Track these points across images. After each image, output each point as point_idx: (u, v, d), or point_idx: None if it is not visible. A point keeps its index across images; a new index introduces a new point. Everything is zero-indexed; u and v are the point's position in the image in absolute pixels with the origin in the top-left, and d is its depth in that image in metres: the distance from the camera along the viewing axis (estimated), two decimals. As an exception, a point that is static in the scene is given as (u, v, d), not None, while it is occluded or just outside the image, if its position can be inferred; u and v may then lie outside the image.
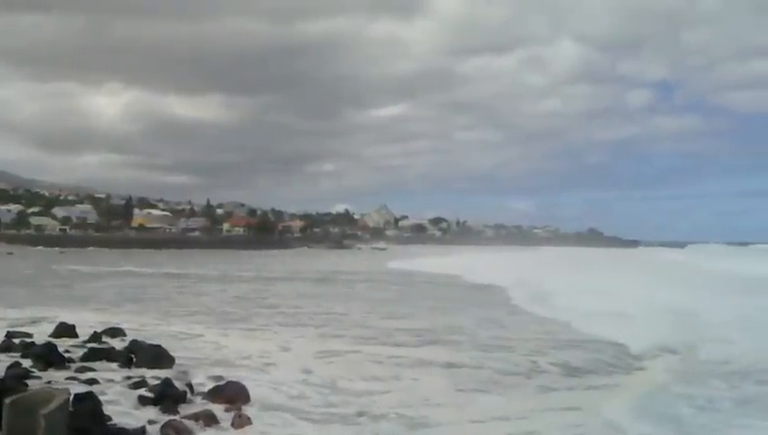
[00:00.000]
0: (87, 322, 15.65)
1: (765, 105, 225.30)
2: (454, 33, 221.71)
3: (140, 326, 16.32)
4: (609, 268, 45.82)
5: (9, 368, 9.86)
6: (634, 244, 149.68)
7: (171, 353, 11.53)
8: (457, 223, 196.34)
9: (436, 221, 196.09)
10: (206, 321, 18.39)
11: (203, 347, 13.68)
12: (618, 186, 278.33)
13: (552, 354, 13.63)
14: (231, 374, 10.38)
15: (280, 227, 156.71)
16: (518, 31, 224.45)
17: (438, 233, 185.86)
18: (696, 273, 39.51)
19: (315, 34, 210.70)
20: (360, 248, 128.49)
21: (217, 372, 10.77)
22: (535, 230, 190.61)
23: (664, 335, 14.30)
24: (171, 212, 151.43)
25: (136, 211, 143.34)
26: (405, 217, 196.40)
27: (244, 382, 9.56)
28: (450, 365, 12.46)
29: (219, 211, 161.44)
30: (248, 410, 8.48)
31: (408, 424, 8.49)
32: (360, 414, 8.84)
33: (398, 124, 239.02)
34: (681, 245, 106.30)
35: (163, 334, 14.93)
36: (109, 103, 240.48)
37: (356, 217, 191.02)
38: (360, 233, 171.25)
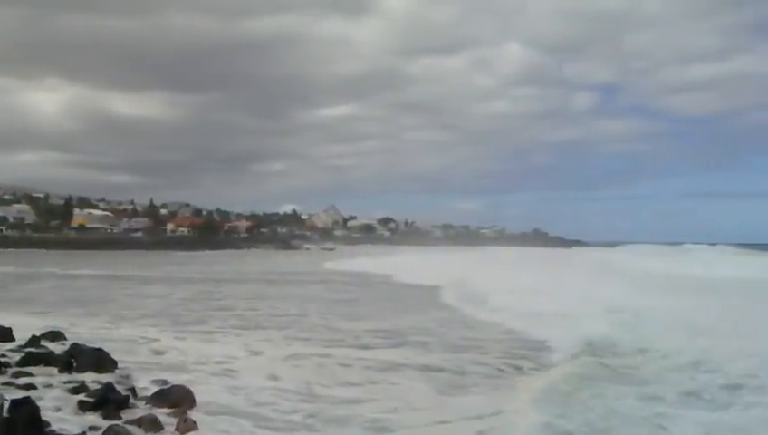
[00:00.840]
0: (25, 325, 14.94)
1: (704, 108, 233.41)
2: (402, 34, 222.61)
3: (91, 330, 15.79)
4: (542, 267, 46.61)
5: (-61, 375, 9.28)
6: (578, 244, 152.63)
7: (128, 359, 11.15)
8: (406, 223, 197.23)
9: (385, 221, 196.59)
10: (160, 324, 17.85)
11: (162, 352, 13.29)
12: (563, 186, 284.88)
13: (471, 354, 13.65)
14: (189, 379, 10.10)
15: (226, 228, 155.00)
16: (466, 32, 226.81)
17: (387, 233, 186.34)
18: (619, 272, 40.32)
19: (262, 32, 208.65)
20: (308, 249, 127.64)
21: (182, 378, 10.32)
22: (482, 230, 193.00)
23: (588, 334, 14.31)
24: (113, 212, 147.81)
25: (76, 211, 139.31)
26: (353, 218, 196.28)
27: (201, 387, 9.31)
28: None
29: (163, 211, 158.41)
30: (194, 415, 8.24)
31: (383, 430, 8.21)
32: (340, 422, 8.49)
33: (346, 124, 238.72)
34: (624, 244, 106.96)
35: (117, 339, 14.48)
36: (49, 100, 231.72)
37: (304, 217, 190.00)
38: (308, 233, 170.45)
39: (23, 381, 9.60)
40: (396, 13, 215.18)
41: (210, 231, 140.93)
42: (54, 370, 10.44)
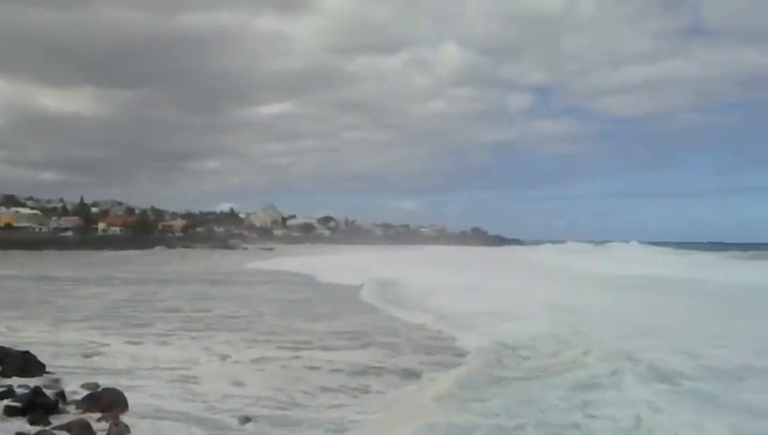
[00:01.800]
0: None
1: (636, 110, 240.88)
2: (340, 32, 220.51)
3: (31, 335, 14.78)
4: (472, 266, 47.59)
5: None
6: (515, 242, 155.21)
7: (64, 363, 10.54)
8: (346, 222, 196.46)
9: (325, 220, 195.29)
10: (105, 327, 16.76)
11: (117, 357, 12.46)
12: (500, 186, 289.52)
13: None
14: (130, 384, 9.65)
15: (160, 227, 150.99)
16: (404, 32, 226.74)
17: (327, 232, 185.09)
18: (545, 271, 42.34)
19: (197, 27, 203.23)
20: (246, 248, 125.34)
21: (121, 382, 9.72)
22: (422, 229, 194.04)
23: (501, 333, 14.47)
24: (41, 211, 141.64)
25: (2, 210, 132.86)
26: (293, 217, 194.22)
27: (141, 392, 9.01)
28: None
29: (94, 210, 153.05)
30: (127, 419, 7.99)
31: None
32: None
33: (284, 122, 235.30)
34: (560, 242, 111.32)
35: (65, 343, 13.59)
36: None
37: (241, 216, 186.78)
38: (246, 233, 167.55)
39: (-57, 387, 8.75)
40: (333, 11, 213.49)
41: (144, 230, 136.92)
42: (-23, 374, 9.70)
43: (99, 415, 8.05)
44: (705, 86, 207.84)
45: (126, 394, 8.67)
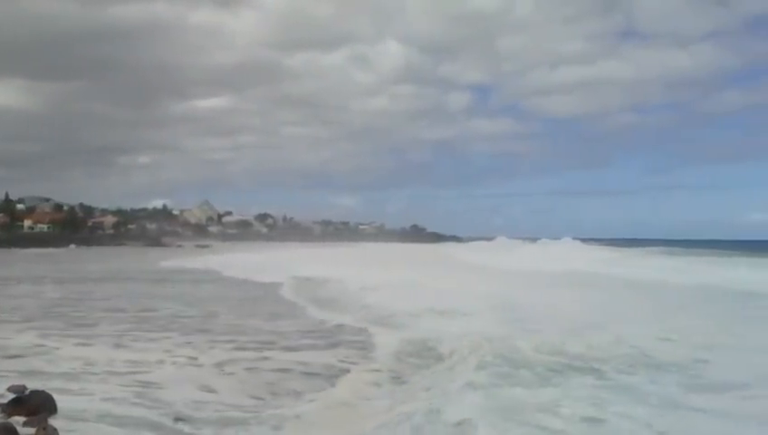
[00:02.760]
0: None
1: (572, 110, 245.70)
2: (280, 27, 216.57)
3: None
4: (404, 263, 47.31)
5: None
6: (454, 239, 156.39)
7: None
8: (284, 219, 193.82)
9: (263, 217, 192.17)
10: (48, 328, 15.47)
11: (66, 360, 11.51)
12: (439, 184, 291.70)
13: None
14: (62, 387, 9.28)
15: (90, 224, 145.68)
16: (345, 28, 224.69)
17: (265, 229, 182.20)
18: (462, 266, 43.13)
19: (131, 19, 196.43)
20: (180, 246, 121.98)
21: (52, 385, 9.24)
22: (362, 226, 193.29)
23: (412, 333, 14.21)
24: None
25: None
26: (229, 214, 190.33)
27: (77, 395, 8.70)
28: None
29: (20, 206, 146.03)
30: (57, 422, 7.64)
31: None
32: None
33: (222, 117, 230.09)
34: (492, 239, 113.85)
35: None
36: None
37: (175, 212, 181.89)
38: (180, 230, 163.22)
39: None
40: (273, 5, 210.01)
41: (72, 227, 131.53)
42: None
43: (25, 418, 7.73)
44: (639, 87, 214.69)
45: (67, 398, 8.32)
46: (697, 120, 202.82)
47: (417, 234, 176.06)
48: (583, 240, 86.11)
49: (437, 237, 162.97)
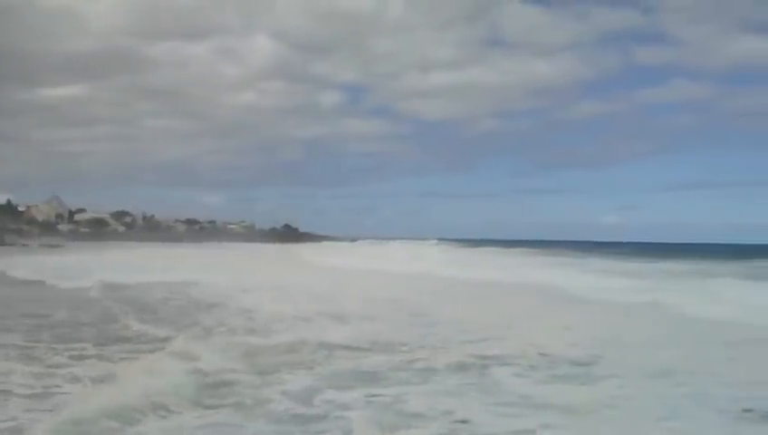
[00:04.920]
0: None
1: (443, 113, 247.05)
2: (141, 14, 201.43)
3: None
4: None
5: None
6: (327, 238, 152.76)
7: None
8: (144, 217, 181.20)
9: (120, 215, 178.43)
10: None
11: None
12: (311, 183, 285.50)
13: None
14: None
15: None
16: (212, 19, 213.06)
17: (122, 228, 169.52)
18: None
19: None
20: (25, 245, 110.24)
21: None
22: (230, 226, 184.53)
23: None
24: None
25: None
26: (82, 211, 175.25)
27: None
28: None
29: None
30: None
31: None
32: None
33: (74, 107, 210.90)
34: (380, 239, 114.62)
35: None
36: None
37: (20, 208, 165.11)
38: (25, 227, 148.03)
39: None
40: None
41: None
42: None
43: None
44: (503, 94, 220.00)
45: None
46: (557, 127, 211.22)
47: (290, 234, 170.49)
48: (450, 241, 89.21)
49: (311, 237, 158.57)
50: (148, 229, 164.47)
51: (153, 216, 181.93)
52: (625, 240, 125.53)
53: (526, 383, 10.53)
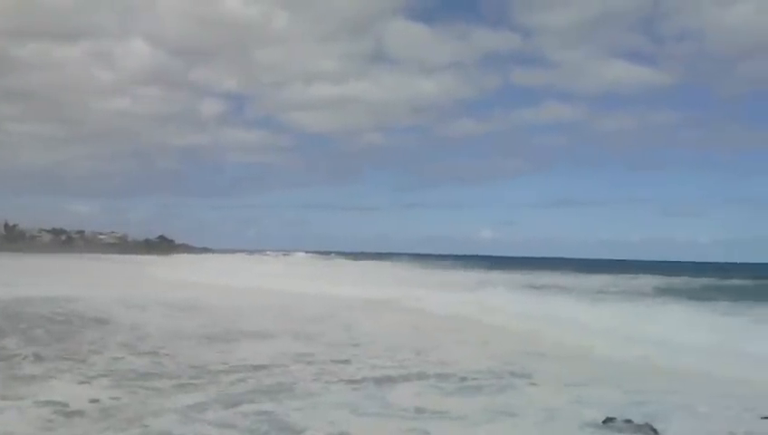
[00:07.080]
0: None
1: (326, 126, 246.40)
2: (8, 12, 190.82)
3: None
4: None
5: None
6: (206, 250, 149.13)
7: None
8: (6, 226, 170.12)
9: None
10: None
11: None
12: (189, 193, 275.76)
13: None
14: None
15: None
16: (85, 21, 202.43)
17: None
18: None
19: None
20: None
21: None
22: (100, 236, 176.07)
23: None
24: None
25: None
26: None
27: None
28: None
29: None
30: None
31: None
32: None
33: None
34: (250, 252, 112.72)
35: None
36: None
37: None
38: None
39: None
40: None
41: None
42: None
43: None
44: (386, 109, 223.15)
45: None
46: (437, 143, 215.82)
47: (165, 245, 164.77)
48: (327, 254, 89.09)
49: (188, 249, 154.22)
50: (10, 239, 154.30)
51: (16, 225, 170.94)
52: (502, 254, 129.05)
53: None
